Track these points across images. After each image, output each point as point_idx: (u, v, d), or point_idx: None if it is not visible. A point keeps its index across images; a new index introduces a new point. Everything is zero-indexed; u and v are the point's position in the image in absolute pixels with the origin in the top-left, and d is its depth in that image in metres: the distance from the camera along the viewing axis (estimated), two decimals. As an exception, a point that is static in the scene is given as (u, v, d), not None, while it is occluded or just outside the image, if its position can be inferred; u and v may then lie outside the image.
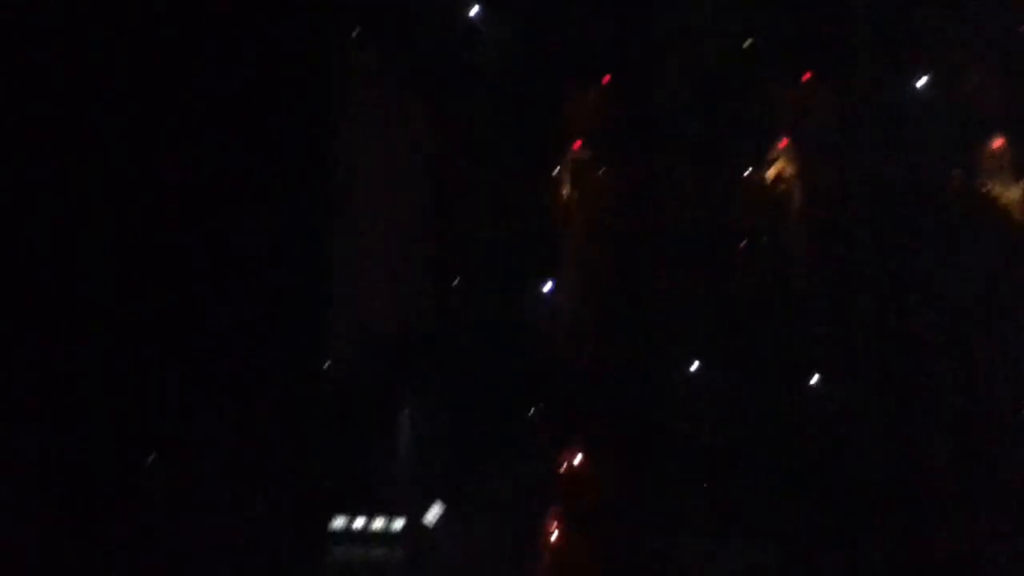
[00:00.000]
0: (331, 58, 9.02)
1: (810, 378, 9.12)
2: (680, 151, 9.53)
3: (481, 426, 9.13)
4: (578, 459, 9.05)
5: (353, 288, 9.21)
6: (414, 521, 8.97)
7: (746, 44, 9.55)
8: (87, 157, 8.10)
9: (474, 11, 9.47)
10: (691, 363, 9.20)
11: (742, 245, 9.40)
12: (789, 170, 9.57)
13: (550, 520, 8.97)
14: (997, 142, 9.26)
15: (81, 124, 8.01)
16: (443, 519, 8.98)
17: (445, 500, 8.96)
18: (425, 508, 9.00)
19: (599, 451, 9.02)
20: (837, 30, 9.37)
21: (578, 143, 9.68)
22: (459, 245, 9.47)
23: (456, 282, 9.32)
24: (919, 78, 9.30)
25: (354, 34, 9.17)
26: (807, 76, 9.48)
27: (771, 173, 9.57)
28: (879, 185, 9.28)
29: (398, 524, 8.96)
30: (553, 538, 8.94)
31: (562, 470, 9.03)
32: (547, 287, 9.29)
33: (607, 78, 9.68)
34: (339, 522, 8.92)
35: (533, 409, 9.08)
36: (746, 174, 9.53)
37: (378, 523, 8.96)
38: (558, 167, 9.62)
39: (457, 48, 9.41)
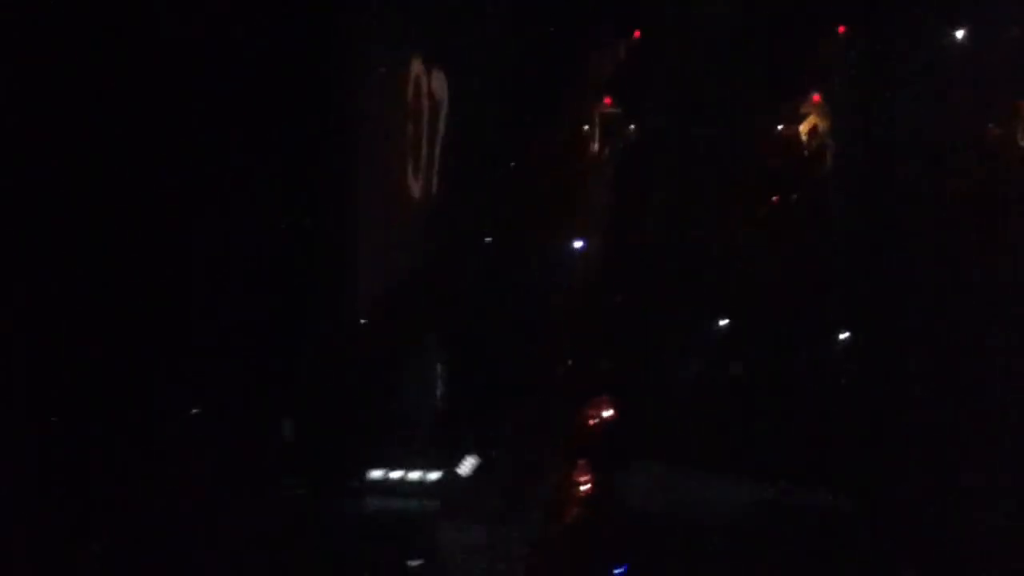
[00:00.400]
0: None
1: (833, 333, 9.06)
2: (710, 106, 9.50)
3: (503, 380, 9.09)
4: (601, 410, 9.00)
5: (373, 244, 9.14)
6: (444, 473, 8.91)
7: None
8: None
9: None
10: (713, 317, 9.14)
11: (774, 200, 9.38)
12: (822, 125, 9.56)
13: (570, 469, 8.93)
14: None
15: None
16: (473, 471, 8.92)
17: (470, 453, 8.90)
18: (452, 461, 8.94)
19: (616, 401, 8.98)
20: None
21: (608, 99, 9.65)
22: (483, 201, 9.42)
23: (488, 240, 9.26)
24: (956, 31, 9.27)
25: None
26: (842, 30, 9.46)
27: (803, 128, 9.55)
28: (911, 141, 9.25)
29: (432, 476, 8.89)
30: (575, 487, 8.90)
31: (582, 422, 8.98)
32: (579, 245, 9.25)
33: (637, 33, 9.66)
34: (374, 474, 8.85)
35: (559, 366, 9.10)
36: (778, 129, 9.51)
37: (412, 475, 8.90)
38: (587, 124, 9.62)
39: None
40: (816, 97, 9.54)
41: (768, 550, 8.35)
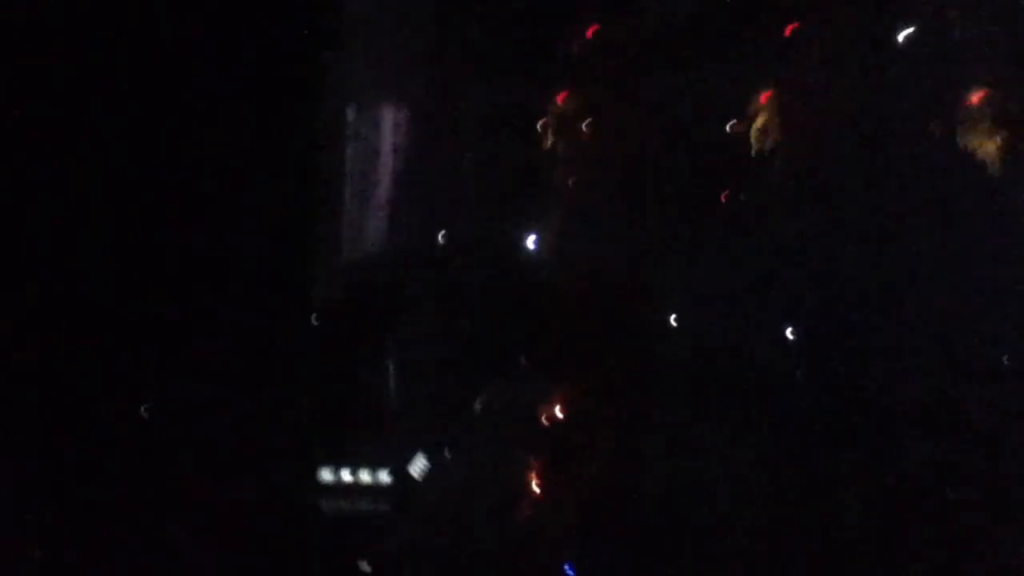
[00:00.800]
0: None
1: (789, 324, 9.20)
2: (661, 106, 9.58)
3: (469, 370, 9.28)
4: (563, 404, 9.20)
5: (340, 219, 9.29)
6: (400, 473, 9.14)
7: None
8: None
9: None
10: (673, 308, 9.26)
11: (723, 197, 9.47)
12: (772, 123, 9.61)
13: (537, 466, 9.13)
14: (978, 95, 9.28)
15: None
16: (429, 471, 9.15)
17: (431, 448, 9.12)
18: (409, 459, 9.16)
19: (588, 391, 9.16)
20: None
21: (562, 95, 9.74)
22: (450, 179, 9.53)
23: (441, 237, 9.41)
24: (904, 29, 9.30)
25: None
26: (791, 28, 9.48)
27: (754, 126, 9.61)
28: (861, 138, 9.34)
29: (384, 476, 9.13)
30: (541, 485, 9.10)
31: (549, 416, 9.18)
32: (531, 242, 9.41)
33: (591, 30, 9.71)
34: (325, 475, 9.09)
35: (523, 358, 9.27)
36: (728, 127, 9.58)
37: (364, 476, 9.14)
38: (542, 119, 9.71)
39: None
40: (764, 96, 9.58)
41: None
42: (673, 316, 9.46)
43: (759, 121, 9.60)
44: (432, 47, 9.81)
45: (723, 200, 9.45)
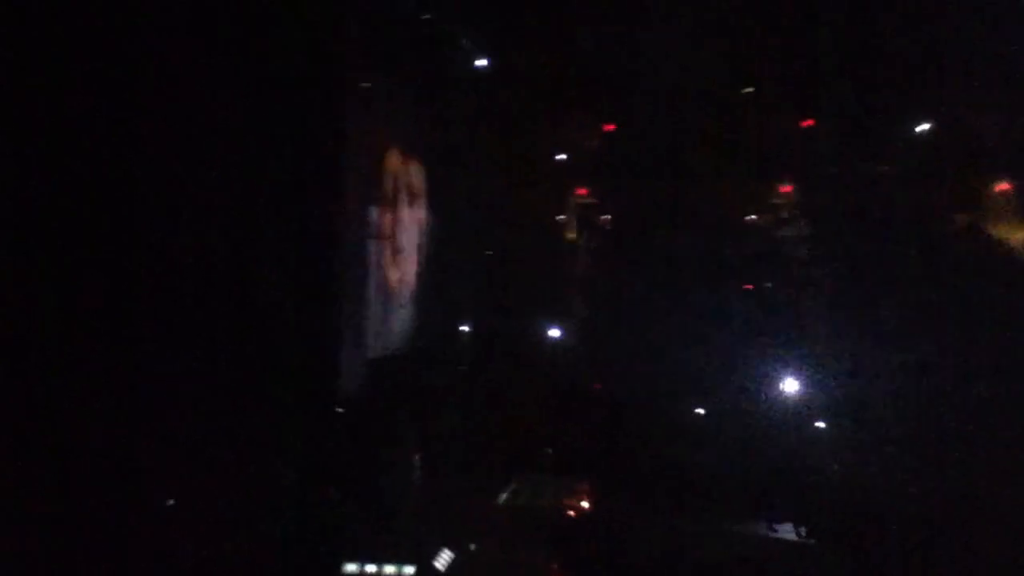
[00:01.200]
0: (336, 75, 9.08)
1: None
2: (681, 198, 9.68)
3: (487, 462, 9.19)
4: (586, 499, 9.12)
5: (364, 314, 9.29)
6: (425, 566, 8.97)
7: (744, 91, 9.73)
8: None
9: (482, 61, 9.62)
10: (694, 396, 9.25)
11: (745, 288, 9.53)
12: (792, 215, 9.72)
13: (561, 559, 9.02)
14: (1002, 185, 9.40)
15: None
16: (454, 564, 8.99)
17: (453, 540, 8.96)
18: (434, 552, 9.01)
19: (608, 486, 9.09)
20: (838, 77, 9.55)
21: (583, 190, 9.84)
22: (472, 274, 9.55)
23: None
24: (921, 124, 9.45)
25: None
26: (808, 123, 9.65)
27: (774, 218, 9.72)
28: (883, 230, 9.42)
29: (408, 570, 8.95)
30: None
31: (574, 508, 9.09)
32: (554, 333, 9.42)
33: (610, 126, 9.85)
34: (350, 568, 8.90)
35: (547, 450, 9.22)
36: (748, 219, 9.68)
37: (388, 569, 8.95)
38: (562, 214, 9.81)
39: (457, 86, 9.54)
40: (786, 188, 9.73)
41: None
42: (699, 408, 9.47)
43: (778, 212, 9.73)
44: (453, 144, 9.94)
45: (747, 289, 9.53)
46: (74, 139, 7.96)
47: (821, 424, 9.16)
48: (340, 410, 9.12)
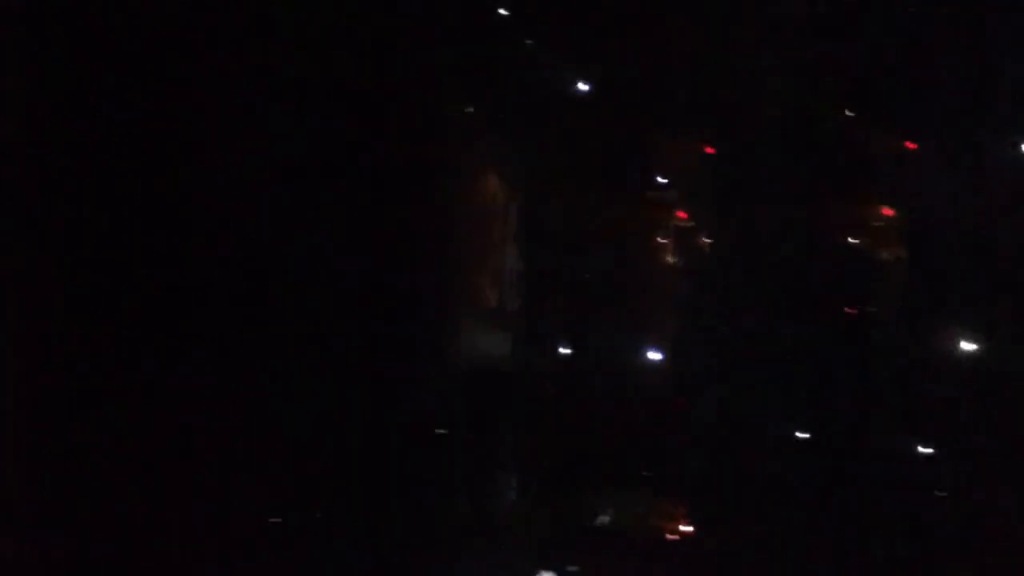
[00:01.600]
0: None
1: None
2: (780, 220, 9.61)
3: (591, 484, 9.15)
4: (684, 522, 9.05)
5: (462, 332, 9.34)
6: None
7: (845, 113, 9.64)
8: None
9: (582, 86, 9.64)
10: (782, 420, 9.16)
11: (850, 312, 9.43)
12: (891, 238, 9.61)
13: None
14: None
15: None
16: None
17: (555, 564, 8.94)
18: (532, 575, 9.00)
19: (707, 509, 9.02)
20: (938, 99, 9.44)
21: (683, 213, 9.81)
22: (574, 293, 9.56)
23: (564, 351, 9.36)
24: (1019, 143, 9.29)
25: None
26: (911, 145, 9.53)
27: (872, 241, 9.61)
28: (984, 254, 9.28)
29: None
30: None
31: (672, 530, 9.02)
32: (658, 356, 9.37)
33: (710, 149, 9.82)
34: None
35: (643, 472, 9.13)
36: (850, 241, 9.59)
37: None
38: (661, 235, 9.77)
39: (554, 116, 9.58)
40: (887, 211, 9.61)
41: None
42: (797, 431, 9.35)
43: (877, 235, 9.61)
44: (551, 167, 9.96)
45: (850, 313, 9.41)
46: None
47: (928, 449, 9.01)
48: (439, 431, 9.17)
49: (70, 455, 7.87)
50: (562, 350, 9.61)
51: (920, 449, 9.08)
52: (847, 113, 9.68)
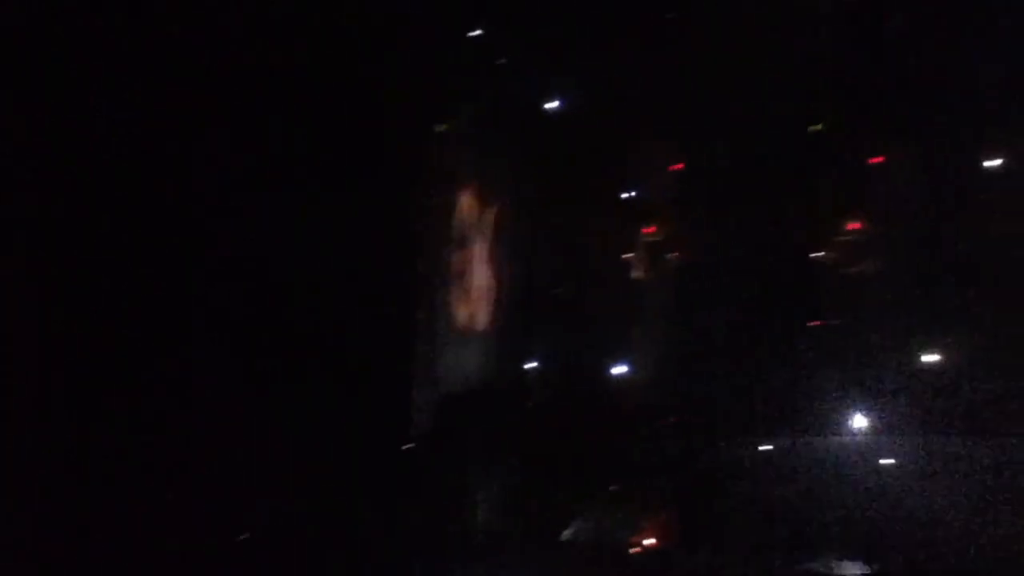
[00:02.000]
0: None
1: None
2: (749, 236, 9.66)
3: (559, 499, 9.17)
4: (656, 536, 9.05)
5: (434, 350, 9.37)
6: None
7: (815, 128, 9.69)
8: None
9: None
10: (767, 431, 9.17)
11: (814, 324, 9.46)
12: (859, 251, 9.66)
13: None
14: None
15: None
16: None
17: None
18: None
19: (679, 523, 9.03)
20: (907, 114, 9.50)
21: (652, 228, 9.85)
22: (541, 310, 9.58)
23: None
24: (991, 159, 9.34)
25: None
26: (878, 160, 9.59)
27: (840, 255, 9.66)
28: (955, 266, 9.32)
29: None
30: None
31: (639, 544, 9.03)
32: (621, 369, 9.41)
33: (680, 165, 9.86)
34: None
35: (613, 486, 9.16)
36: (817, 255, 9.64)
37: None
38: (630, 252, 9.81)
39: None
40: (855, 224, 9.66)
41: None
42: (769, 446, 9.39)
43: (845, 248, 9.66)
44: (522, 183, 10.02)
45: (815, 325, 9.46)
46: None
47: (890, 461, 9.05)
48: (407, 446, 9.17)
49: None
50: (533, 365, 9.65)
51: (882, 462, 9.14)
52: (815, 128, 9.75)
